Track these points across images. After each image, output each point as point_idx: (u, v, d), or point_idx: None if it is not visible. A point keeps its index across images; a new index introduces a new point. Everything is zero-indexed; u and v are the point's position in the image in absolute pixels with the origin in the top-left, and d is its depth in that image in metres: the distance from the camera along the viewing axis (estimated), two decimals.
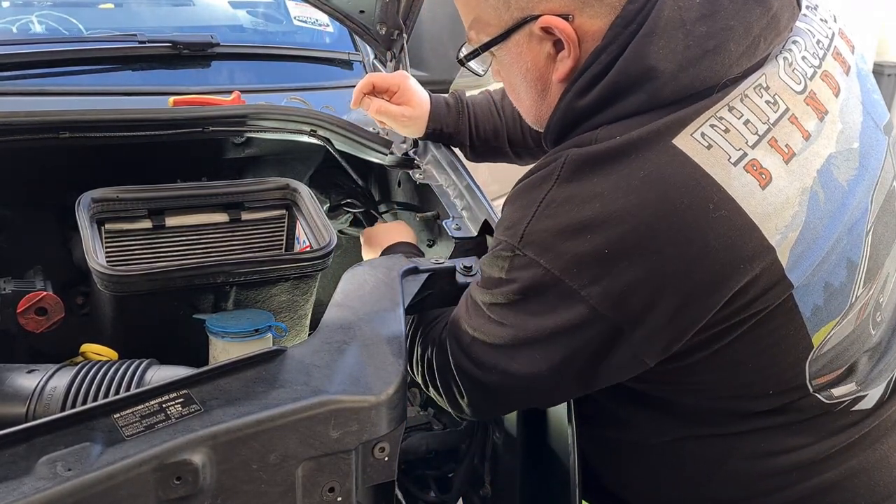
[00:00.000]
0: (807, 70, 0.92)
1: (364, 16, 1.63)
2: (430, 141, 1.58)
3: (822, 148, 0.90)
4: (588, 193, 0.86)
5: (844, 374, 0.99)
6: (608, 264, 0.85)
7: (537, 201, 0.90)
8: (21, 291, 1.29)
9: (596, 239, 0.85)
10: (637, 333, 0.88)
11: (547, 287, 0.89)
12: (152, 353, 1.16)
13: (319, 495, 0.89)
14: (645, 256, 0.84)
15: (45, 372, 1.07)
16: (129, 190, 1.43)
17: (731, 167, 0.84)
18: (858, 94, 0.98)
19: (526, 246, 0.90)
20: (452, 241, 1.37)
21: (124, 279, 1.26)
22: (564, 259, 0.87)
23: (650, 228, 0.83)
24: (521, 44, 0.95)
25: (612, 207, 0.84)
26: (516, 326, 0.95)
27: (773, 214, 0.85)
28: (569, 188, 0.88)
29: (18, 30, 1.98)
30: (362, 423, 0.88)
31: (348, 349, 0.95)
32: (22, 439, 0.79)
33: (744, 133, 0.86)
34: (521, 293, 0.93)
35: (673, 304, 0.85)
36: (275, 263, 1.35)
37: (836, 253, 0.91)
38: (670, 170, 0.84)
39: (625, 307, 0.86)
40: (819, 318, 0.92)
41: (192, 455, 0.79)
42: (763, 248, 0.84)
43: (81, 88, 1.69)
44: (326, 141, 1.62)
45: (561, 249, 0.87)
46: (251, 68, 1.96)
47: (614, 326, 0.88)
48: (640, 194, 0.83)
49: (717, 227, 0.83)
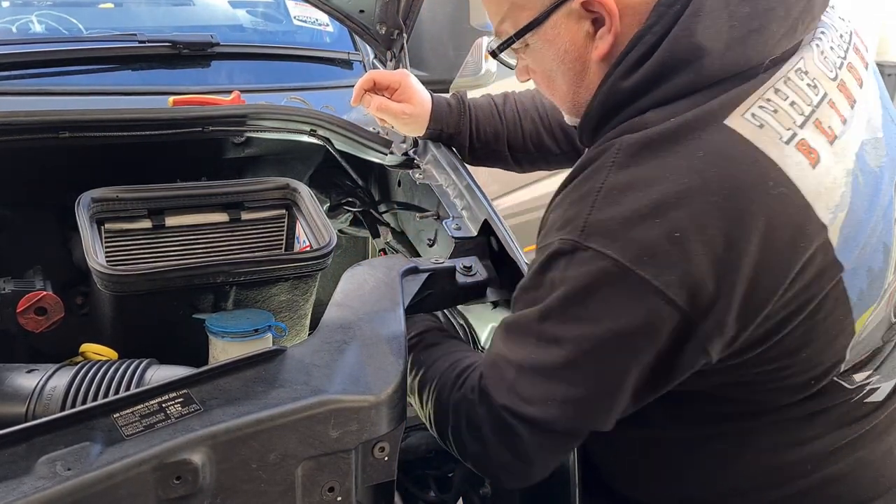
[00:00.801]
0: (835, 60, 0.93)
1: (364, 15, 1.63)
2: (430, 141, 1.58)
3: (856, 133, 0.91)
4: (650, 177, 0.84)
5: (866, 360, 0.99)
6: (680, 249, 0.81)
7: (595, 191, 0.86)
8: (21, 291, 1.29)
9: (665, 223, 0.81)
10: (707, 325, 0.84)
11: (614, 281, 0.83)
12: (152, 352, 1.16)
13: (319, 495, 0.89)
14: (715, 238, 0.81)
15: (44, 372, 1.07)
16: (128, 190, 1.43)
17: (784, 146, 0.84)
18: (876, 89, 0.99)
19: (590, 238, 0.84)
20: (452, 241, 1.37)
21: (124, 279, 1.26)
22: (634, 247, 0.82)
23: (717, 208, 0.81)
24: (558, 25, 0.93)
25: (677, 188, 0.82)
26: (575, 340, 0.88)
27: (824, 194, 0.84)
28: (628, 173, 0.85)
29: (18, 29, 1.98)
30: (362, 423, 0.88)
31: (348, 349, 0.95)
32: (22, 439, 0.79)
33: (791, 114, 0.86)
34: (582, 293, 0.86)
35: (742, 290, 0.83)
36: (274, 263, 1.35)
37: (875, 237, 0.91)
38: (727, 149, 0.83)
39: (699, 296, 0.82)
40: (863, 304, 0.91)
41: (191, 454, 0.79)
42: (818, 227, 0.84)
43: (81, 88, 1.69)
44: (326, 141, 1.62)
45: (630, 237, 0.82)
46: (251, 68, 1.96)
47: (686, 319, 0.83)
48: (703, 174, 0.82)
49: (778, 205, 0.82)
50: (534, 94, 1.53)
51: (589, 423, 0.94)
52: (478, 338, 1.49)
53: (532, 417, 0.92)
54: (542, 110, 1.50)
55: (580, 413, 0.92)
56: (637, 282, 0.82)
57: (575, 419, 0.93)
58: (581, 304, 0.86)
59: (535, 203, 2.77)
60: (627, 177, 0.85)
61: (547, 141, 1.50)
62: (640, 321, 0.84)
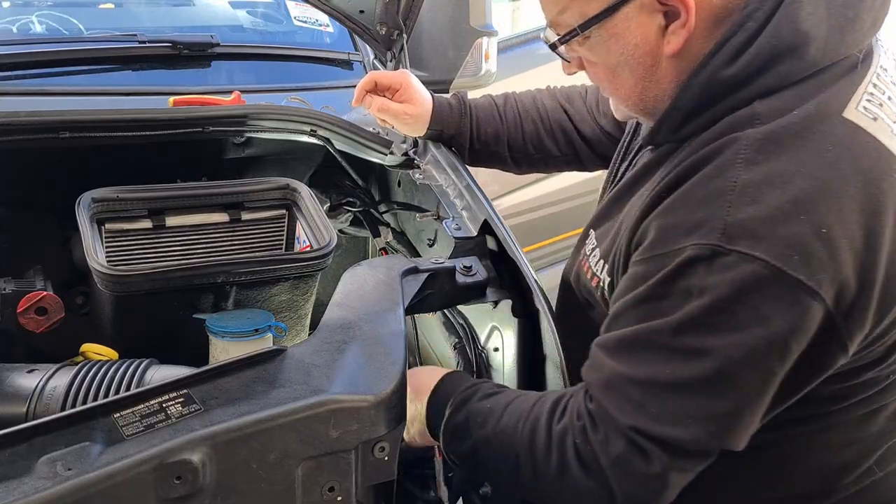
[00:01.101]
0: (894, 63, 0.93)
1: (364, 16, 1.63)
2: (430, 140, 1.58)
3: None
4: (785, 172, 0.80)
5: None
6: (828, 246, 0.78)
7: (727, 190, 0.81)
8: (21, 291, 1.29)
9: (811, 218, 0.78)
10: (849, 323, 0.81)
11: (764, 284, 0.78)
12: (152, 352, 1.16)
13: (319, 495, 0.89)
14: (855, 232, 0.79)
15: (45, 372, 1.07)
16: (129, 190, 1.43)
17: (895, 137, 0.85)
18: None
19: (733, 240, 0.79)
20: (452, 241, 1.37)
21: (124, 279, 1.26)
22: (783, 245, 0.78)
23: (855, 202, 0.80)
24: (629, 18, 0.88)
25: (816, 183, 0.79)
26: (722, 350, 0.81)
27: None
28: (761, 169, 0.81)
29: (19, 30, 1.98)
30: (362, 423, 0.88)
31: (348, 349, 0.95)
32: (22, 439, 0.79)
33: (892, 107, 0.87)
34: (729, 300, 0.80)
35: (881, 283, 0.81)
36: (275, 263, 1.35)
37: None
38: (854, 142, 0.83)
39: (844, 293, 0.80)
40: None
41: (192, 454, 0.79)
42: None
43: (82, 88, 1.69)
44: (326, 141, 1.62)
45: (778, 235, 0.78)
46: (251, 68, 1.96)
47: (831, 318, 0.80)
48: (837, 168, 0.81)
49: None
50: (534, 95, 1.53)
51: (728, 439, 0.86)
52: (478, 338, 1.49)
53: (667, 437, 0.84)
54: (542, 111, 1.50)
55: (723, 428, 0.85)
56: (790, 282, 0.78)
57: (716, 436, 0.85)
58: (729, 312, 0.81)
59: (535, 203, 2.78)
60: (762, 173, 0.81)
61: (547, 143, 1.50)
62: (792, 325, 0.80)
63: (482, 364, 1.48)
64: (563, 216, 2.90)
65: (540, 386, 1.32)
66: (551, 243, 2.88)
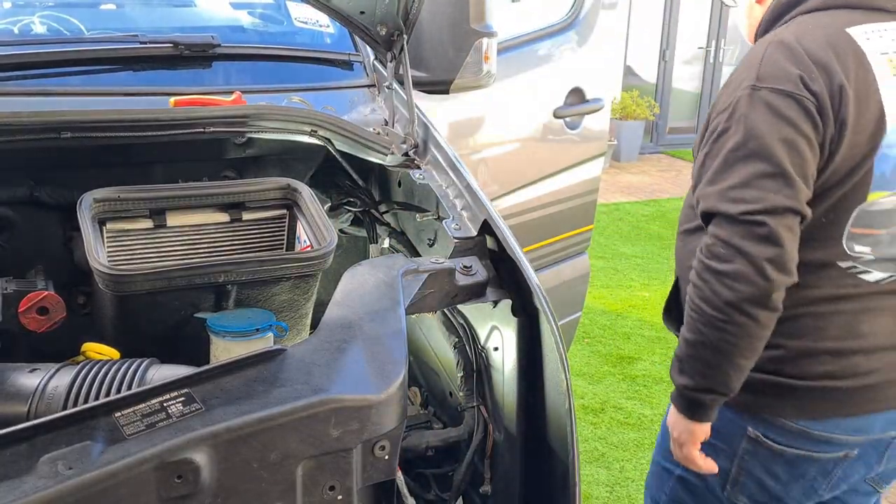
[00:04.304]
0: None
1: (364, 17, 1.63)
2: (429, 141, 1.58)
3: None
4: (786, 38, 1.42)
5: (871, 242, 1.38)
6: None
7: (756, 62, 1.41)
8: (23, 291, 1.29)
9: (797, 71, 1.36)
10: (823, 117, 1.34)
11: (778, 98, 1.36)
12: (153, 352, 1.16)
13: (320, 494, 0.89)
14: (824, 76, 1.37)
15: (46, 371, 1.07)
16: (130, 190, 1.43)
17: (878, 55, 1.36)
18: None
19: (762, 81, 1.38)
20: (452, 241, 1.37)
21: (125, 278, 1.26)
22: (784, 80, 1.36)
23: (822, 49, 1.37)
24: None
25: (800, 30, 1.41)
26: (764, 143, 1.33)
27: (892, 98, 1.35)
28: (775, 46, 1.42)
29: (20, 30, 1.98)
30: (363, 422, 0.88)
31: (349, 348, 0.95)
32: (23, 438, 0.79)
33: (887, 44, 1.37)
34: (760, 112, 1.35)
35: (846, 104, 1.34)
36: (276, 263, 1.35)
37: None
38: (842, 37, 1.36)
39: (823, 98, 1.35)
40: (877, 185, 1.35)
41: (193, 454, 0.79)
42: (882, 114, 1.35)
43: (83, 89, 1.69)
44: (327, 141, 1.62)
45: (777, 76, 1.38)
46: (252, 69, 1.96)
47: (816, 110, 1.35)
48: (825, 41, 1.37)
49: (861, 72, 1.34)
50: None
51: (794, 197, 1.31)
52: (478, 337, 1.49)
53: (764, 207, 1.28)
54: None
55: (784, 186, 1.30)
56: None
57: (785, 195, 1.29)
58: (761, 118, 1.36)
59: (535, 203, 2.78)
60: (775, 48, 1.40)
61: None
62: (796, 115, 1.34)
63: (482, 363, 1.49)
64: (563, 216, 2.90)
65: (540, 385, 1.32)
66: (551, 243, 2.88)
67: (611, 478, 3.02)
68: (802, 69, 1.32)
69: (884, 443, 1.46)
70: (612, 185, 7.77)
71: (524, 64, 2.74)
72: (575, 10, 2.91)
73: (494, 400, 1.46)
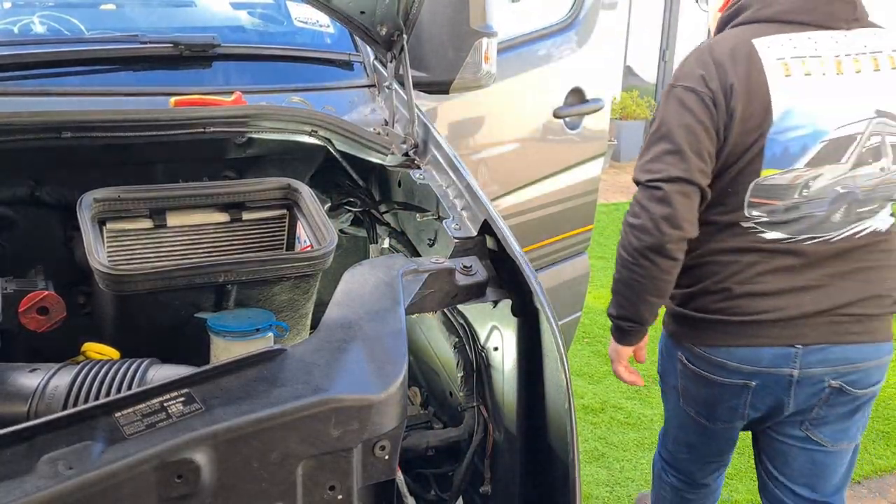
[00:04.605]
0: (856, 49, 1.73)
1: (364, 17, 1.63)
2: (429, 141, 1.58)
3: (836, 83, 1.71)
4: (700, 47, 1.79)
5: (768, 210, 1.71)
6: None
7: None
8: (23, 291, 1.29)
9: (699, 72, 1.74)
10: (719, 113, 1.71)
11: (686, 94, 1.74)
12: (153, 352, 1.16)
13: (320, 494, 0.89)
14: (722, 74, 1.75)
15: (46, 371, 1.07)
16: (130, 190, 1.43)
17: (775, 61, 1.68)
18: None
19: (677, 80, 1.79)
20: (452, 241, 1.37)
21: (125, 278, 1.26)
22: (690, 79, 1.74)
23: (724, 57, 1.73)
24: None
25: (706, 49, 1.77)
26: (671, 128, 1.72)
27: (781, 91, 1.67)
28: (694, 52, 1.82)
29: (20, 30, 1.98)
30: (363, 422, 0.88)
31: (349, 348, 0.95)
32: (24, 438, 0.79)
33: (787, 51, 1.69)
34: (673, 103, 1.74)
35: (737, 97, 1.72)
36: (276, 263, 1.35)
37: (803, 139, 1.70)
38: (741, 45, 1.71)
39: (719, 96, 1.72)
40: (769, 164, 1.69)
41: (193, 454, 0.79)
42: (769, 108, 1.68)
43: (83, 89, 1.69)
44: (327, 141, 1.62)
45: (686, 75, 1.77)
46: (252, 69, 1.96)
47: (713, 104, 1.72)
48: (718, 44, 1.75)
49: (755, 75, 1.68)
50: None
51: (687, 170, 1.69)
52: (478, 337, 1.49)
53: (661, 176, 1.68)
54: None
55: (679, 160, 1.68)
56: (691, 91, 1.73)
57: (679, 168, 1.68)
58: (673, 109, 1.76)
59: (535, 203, 2.78)
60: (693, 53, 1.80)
61: None
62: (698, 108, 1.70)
63: (482, 363, 1.49)
64: (563, 216, 2.90)
65: (540, 385, 1.32)
66: (551, 243, 2.88)
67: (611, 478, 3.02)
68: (705, 71, 1.68)
69: (783, 379, 1.74)
70: (612, 185, 7.77)
71: (524, 64, 2.74)
72: (575, 10, 2.91)
73: (494, 400, 1.46)
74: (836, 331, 1.71)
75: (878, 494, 2.95)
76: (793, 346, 1.71)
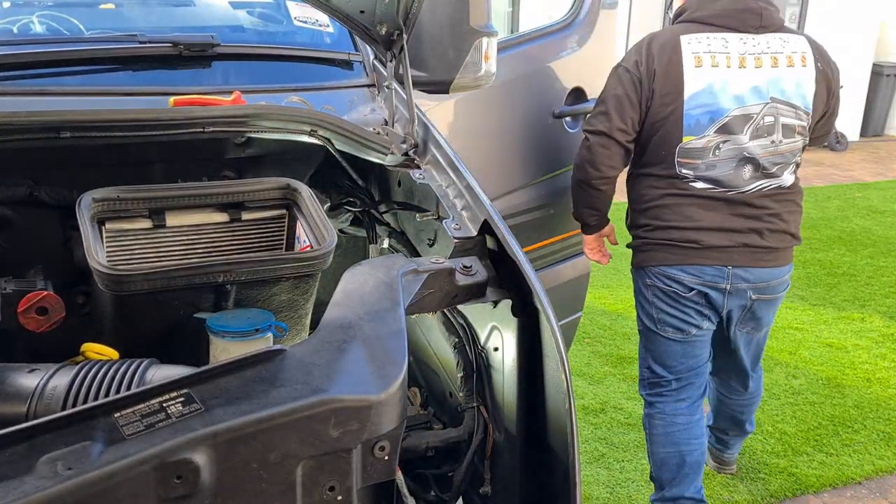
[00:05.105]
0: (760, 49, 2.32)
1: (364, 16, 1.63)
2: (429, 140, 1.58)
3: (740, 73, 2.30)
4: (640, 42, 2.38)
5: (692, 168, 2.30)
6: None
7: None
8: (22, 291, 1.29)
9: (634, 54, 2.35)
10: (644, 89, 2.31)
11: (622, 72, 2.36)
12: (153, 352, 1.16)
13: (319, 494, 0.89)
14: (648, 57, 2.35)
15: (45, 371, 1.07)
16: (129, 190, 1.43)
17: (691, 54, 2.27)
18: (797, 77, 2.36)
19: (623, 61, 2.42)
20: (452, 241, 1.37)
21: (125, 278, 1.26)
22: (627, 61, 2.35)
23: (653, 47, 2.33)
24: None
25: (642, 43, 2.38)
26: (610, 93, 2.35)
27: (692, 77, 2.28)
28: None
29: (19, 30, 1.98)
30: (363, 422, 0.88)
31: (348, 348, 0.95)
32: (23, 438, 0.79)
33: (703, 48, 2.27)
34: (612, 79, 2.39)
35: (656, 75, 2.34)
36: (275, 263, 1.35)
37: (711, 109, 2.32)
38: (670, 40, 2.29)
39: (645, 75, 2.33)
40: (688, 132, 2.29)
41: (192, 454, 0.79)
42: (681, 87, 2.29)
43: (82, 89, 1.69)
44: (326, 141, 1.62)
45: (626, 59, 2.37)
46: (252, 69, 1.96)
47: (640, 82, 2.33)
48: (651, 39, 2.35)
49: (674, 63, 2.28)
50: None
51: (609, 126, 2.35)
52: (478, 337, 1.49)
53: (591, 130, 2.35)
54: None
55: (605, 117, 2.33)
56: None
57: (603, 124, 2.33)
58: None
59: (535, 203, 2.78)
60: None
61: None
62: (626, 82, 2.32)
63: (482, 364, 1.48)
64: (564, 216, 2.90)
65: (540, 385, 1.32)
66: (551, 243, 2.88)
67: (611, 478, 3.02)
68: (639, 57, 2.28)
69: (721, 290, 2.34)
70: None
71: (524, 64, 2.74)
72: (575, 10, 2.91)
73: (494, 400, 1.46)
74: (753, 258, 2.33)
75: (879, 495, 2.95)
76: (725, 266, 2.32)
